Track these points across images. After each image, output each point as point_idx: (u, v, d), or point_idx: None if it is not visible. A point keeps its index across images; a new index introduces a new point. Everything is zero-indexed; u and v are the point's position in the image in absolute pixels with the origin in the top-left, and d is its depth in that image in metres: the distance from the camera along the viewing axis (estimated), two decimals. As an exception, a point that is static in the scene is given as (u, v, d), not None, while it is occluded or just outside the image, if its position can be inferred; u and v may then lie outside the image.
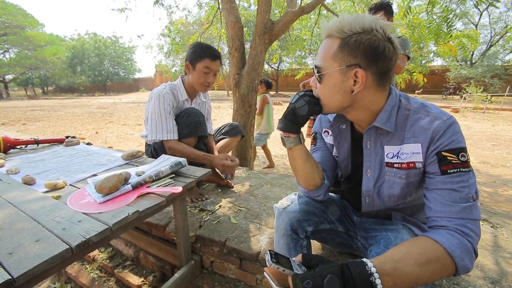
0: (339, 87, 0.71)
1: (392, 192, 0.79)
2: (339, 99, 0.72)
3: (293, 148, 0.82)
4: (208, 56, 1.57)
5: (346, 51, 0.68)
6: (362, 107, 0.74)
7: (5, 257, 0.62)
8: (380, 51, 0.66)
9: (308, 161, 0.84)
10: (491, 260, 1.08)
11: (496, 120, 9.53)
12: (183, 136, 1.58)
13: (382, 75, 0.69)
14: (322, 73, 0.72)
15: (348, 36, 0.67)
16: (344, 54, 0.68)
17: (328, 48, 0.71)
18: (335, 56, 0.69)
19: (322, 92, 0.75)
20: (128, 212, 0.83)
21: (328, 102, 0.75)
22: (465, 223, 0.62)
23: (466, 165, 0.65)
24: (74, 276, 1.58)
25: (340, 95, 0.72)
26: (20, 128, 7.40)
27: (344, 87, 0.70)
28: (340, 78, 0.70)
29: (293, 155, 0.84)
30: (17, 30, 26.63)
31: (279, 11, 4.84)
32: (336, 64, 0.69)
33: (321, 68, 0.72)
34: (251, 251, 1.20)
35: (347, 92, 0.71)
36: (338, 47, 0.68)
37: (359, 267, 0.55)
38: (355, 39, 0.66)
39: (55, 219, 0.79)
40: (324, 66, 0.72)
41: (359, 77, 0.68)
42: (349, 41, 0.67)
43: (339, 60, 0.69)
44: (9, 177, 1.15)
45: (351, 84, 0.69)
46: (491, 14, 18.78)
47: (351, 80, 0.69)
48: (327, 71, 0.71)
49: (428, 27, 3.42)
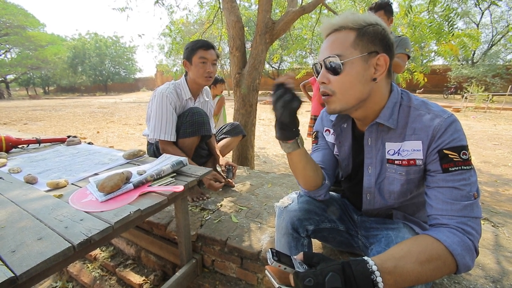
0: (362, 75, 0.69)
1: (392, 189, 0.79)
2: (360, 89, 0.71)
3: (292, 152, 0.78)
4: (200, 47, 1.59)
5: (366, 39, 0.69)
6: (372, 101, 0.74)
7: (8, 255, 0.62)
8: (391, 41, 0.71)
9: (308, 164, 0.82)
10: (492, 259, 1.07)
11: (497, 119, 9.51)
12: (187, 135, 1.59)
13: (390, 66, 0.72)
14: (344, 61, 0.69)
15: (364, 26, 0.69)
16: (364, 42, 0.69)
17: (344, 38, 0.70)
18: (356, 44, 0.69)
19: (342, 83, 0.71)
20: (130, 211, 0.83)
21: (347, 94, 0.72)
22: (466, 221, 0.62)
23: (467, 163, 0.65)
24: (76, 275, 1.59)
25: (362, 84, 0.70)
26: (22, 128, 7.42)
27: (366, 75, 0.70)
28: (363, 65, 0.69)
29: (293, 160, 0.81)
30: (19, 30, 26.70)
31: (280, 11, 4.84)
32: (357, 51, 0.69)
33: (343, 56, 0.69)
34: (252, 250, 1.20)
35: (368, 81, 0.70)
36: (357, 36, 0.69)
37: (360, 265, 0.55)
38: (373, 29, 0.69)
39: (57, 218, 0.79)
40: (345, 54, 0.69)
41: (382, 63, 0.69)
42: (367, 30, 0.69)
43: (360, 48, 0.69)
44: (11, 176, 1.15)
45: (372, 72, 0.70)
46: (493, 13, 18.75)
47: (372, 68, 0.70)
48: (350, 58, 0.69)
49: (429, 26, 3.41)
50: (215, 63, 1.66)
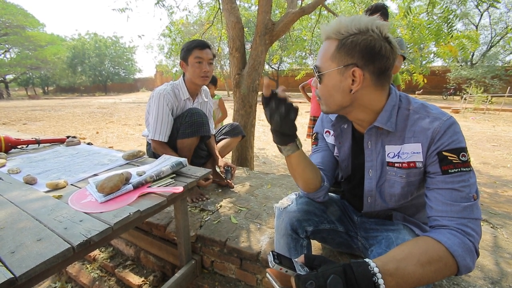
0: (338, 86, 0.72)
1: (393, 191, 0.80)
2: (339, 98, 0.74)
3: (291, 155, 0.79)
4: (195, 46, 1.61)
5: (343, 51, 0.69)
6: (362, 106, 0.75)
7: (8, 256, 0.62)
8: (377, 51, 0.67)
9: (307, 167, 0.82)
10: (491, 261, 1.08)
11: (496, 121, 9.53)
12: (186, 136, 1.59)
13: (380, 74, 0.70)
14: (322, 73, 0.74)
15: (345, 37, 0.69)
16: (341, 54, 0.70)
17: (327, 50, 0.72)
18: (333, 57, 0.71)
19: (322, 92, 0.77)
20: (129, 212, 0.83)
21: (328, 101, 0.77)
22: (466, 223, 0.62)
23: (466, 165, 0.65)
24: (75, 275, 1.59)
25: (339, 94, 0.73)
26: (21, 128, 7.41)
27: (343, 86, 0.72)
28: (338, 77, 0.71)
29: (292, 162, 0.81)
30: (18, 30, 26.66)
31: (280, 12, 4.84)
32: (334, 64, 0.71)
33: (320, 68, 0.74)
34: (252, 251, 1.20)
35: (346, 91, 0.72)
36: (336, 48, 0.70)
37: (361, 267, 0.55)
38: (351, 40, 0.68)
39: (56, 219, 0.79)
40: (323, 66, 0.73)
41: (357, 76, 0.69)
42: (346, 42, 0.69)
43: (337, 60, 0.70)
44: (10, 177, 1.15)
45: (350, 84, 0.71)
46: (492, 15, 18.78)
47: (349, 79, 0.70)
48: (326, 71, 0.73)
49: (428, 28, 3.42)
50: (212, 62, 1.67)
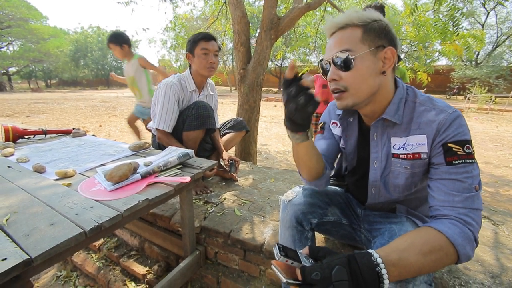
0: (372, 68, 0.71)
1: (397, 182, 0.81)
2: (371, 83, 0.72)
3: (300, 144, 0.78)
4: (201, 38, 1.64)
5: (372, 34, 0.71)
6: (381, 95, 0.76)
7: (22, 239, 0.64)
8: (395, 35, 0.73)
9: (313, 157, 0.84)
10: (492, 256, 1.09)
11: (499, 121, 9.48)
12: (192, 128, 1.61)
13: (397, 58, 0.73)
14: (355, 56, 0.70)
15: (369, 22, 0.71)
16: (371, 37, 0.71)
17: (352, 35, 0.71)
18: (364, 39, 0.71)
19: (354, 78, 0.72)
20: (138, 200, 0.85)
21: (360, 88, 0.73)
22: (467, 212, 0.64)
23: (470, 157, 0.66)
24: (80, 264, 1.61)
25: (372, 78, 0.72)
26: (25, 120, 7.44)
27: (376, 68, 0.72)
28: (372, 59, 0.71)
29: (299, 151, 0.81)
30: (21, 22, 26.60)
31: (285, 7, 4.81)
32: (366, 46, 0.71)
33: (353, 51, 0.70)
34: (255, 242, 1.22)
35: (378, 74, 0.72)
36: (364, 32, 0.71)
37: (365, 258, 0.56)
38: (377, 24, 0.71)
39: (67, 205, 0.81)
40: (355, 49, 0.71)
41: (389, 56, 0.71)
42: (373, 26, 0.71)
43: (368, 42, 0.71)
44: (19, 165, 1.17)
45: (381, 66, 0.72)
46: (498, 14, 18.61)
47: (380, 61, 0.72)
48: (360, 53, 0.70)
49: (434, 26, 3.40)
50: (217, 54, 1.70)
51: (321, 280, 0.53)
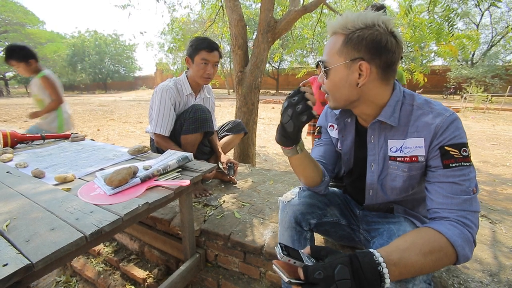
0: (345, 80, 0.73)
1: (394, 185, 0.82)
2: (346, 92, 0.75)
3: (291, 157, 0.84)
4: (204, 48, 1.61)
5: (350, 46, 0.71)
6: (368, 100, 0.76)
7: (23, 244, 0.64)
8: (383, 45, 0.69)
9: (308, 167, 0.86)
10: (490, 254, 1.10)
11: (496, 120, 9.55)
12: (190, 132, 1.61)
13: (385, 68, 0.72)
14: (329, 68, 0.74)
15: (351, 32, 0.70)
16: (348, 49, 0.71)
17: (333, 44, 0.74)
18: (340, 51, 0.72)
19: (329, 87, 0.78)
20: (138, 204, 0.85)
21: (335, 96, 0.78)
22: (465, 215, 0.65)
23: (467, 160, 0.67)
24: (80, 269, 1.61)
25: (346, 88, 0.74)
26: (22, 125, 7.42)
27: (350, 80, 0.73)
28: (345, 72, 0.73)
29: (292, 162, 0.87)
30: (18, 27, 26.57)
31: (281, 10, 4.85)
32: (341, 59, 0.72)
33: (327, 63, 0.75)
34: (255, 244, 1.22)
35: (353, 86, 0.73)
36: (343, 43, 0.71)
37: (367, 257, 0.57)
38: (358, 34, 0.69)
39: (67, 210, 0.81)
40: (330, 61, 0.74)
41: (364, 70, 0.71)
42: (352, 36, 0.70)
43: (344, 55, 0.72)
44: (18, 171, 1.17)
45: (356, 78, 0.72)
46: (493, 14, 18.78)
47: (356, 73, 0.72)
48: (333, 65, 0.74)
49: (429, 27, 3.43)
50: (217, 64, 1.70)
51: (323, 279, 0.54)
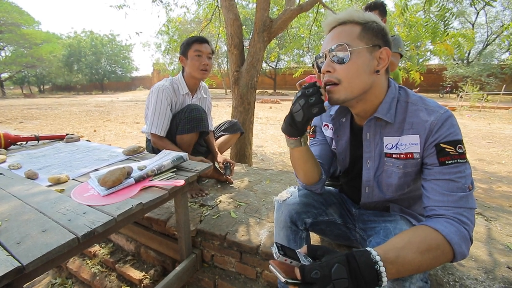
0: (367, 65, 0.72)
1: (390, 182, 0.82)
2: (365, 79, 0.73)
3: (294, 148, 0.85)
4: (194, 41, 1.65)
5: (370, 33, 0.72)
6: (372, 94, 0.76)
7: (14, 246, 0.64)
8: (390, 39, 0.75)
9: (308, 162, 0.87)
10: (485, 251, 1.11)
11: (492, 118, 9.63)
12: (185, 131, 1.60)
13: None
14: (352, 50, 0.71)
15: (367, 22, 0.73)
16: (369, 35, 0.72)
17: (351, 31, 0.73)
18: (361, 36, 0.72)
19: (348, 72, 0.72)
20: (132, 204, 0.84)
21: (353, 82, 0.73)
22: (461, 212, 0.65)
23: (463, 157, 0.67)
24: (75, 271, 1.60)
25: (366, 74, 0.73)
26: (17, 127, 7.36)
27: (370, 66, 0.73)
28: (368, 56, 0.72)
29: (294, 155, 0.87)
30: (13, 28, 26.34)
31: (278, 9, 4.85)
32: (363, 43, 0.72)
33: (350, 45, 0.71)
34: (251, 244, 1.22)
35: (372, 72, 0.73)
36: (362, 30, 0.73)
37: (364, 256, 0.57)
38: (376, 25, 0.73)
39: (60, 211, 0.80)
40: (353, 44, 0.72)
41: (384, 56, 0.73)
42: (371, 25, 0.73)
43: (365, 40, 0.72)
44: (11, 172, 1.16)
45: (375, 65, 0.73)
46: (488, 13, 18.91)
47: (375, 60, 0.73)
48: (357, 47, 0.71)
49: (425, 26, 3.45)
50: (210, 57, 1.70)
51: (320, 279, 0.53)
